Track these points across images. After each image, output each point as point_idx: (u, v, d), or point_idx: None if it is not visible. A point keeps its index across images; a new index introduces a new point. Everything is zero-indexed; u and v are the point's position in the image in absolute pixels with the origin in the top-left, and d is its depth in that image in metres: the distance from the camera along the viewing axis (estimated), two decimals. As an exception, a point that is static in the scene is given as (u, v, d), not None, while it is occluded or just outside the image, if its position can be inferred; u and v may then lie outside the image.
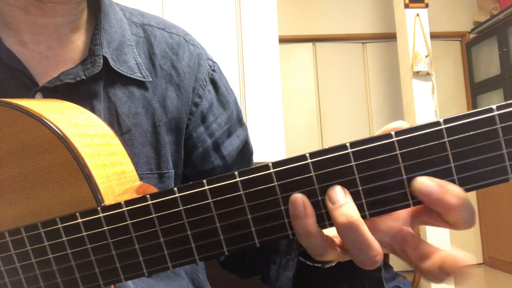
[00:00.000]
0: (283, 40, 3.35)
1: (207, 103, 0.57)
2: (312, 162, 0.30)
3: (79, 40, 0.51)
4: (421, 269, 0.29)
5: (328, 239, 0.31)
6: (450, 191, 0.28)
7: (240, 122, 0.63)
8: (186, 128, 0.56)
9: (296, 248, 0.44)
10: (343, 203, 0.29)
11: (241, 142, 0.62)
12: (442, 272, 0.27)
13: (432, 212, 0.30)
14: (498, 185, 0.29)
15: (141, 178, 0.45)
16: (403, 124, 0.31)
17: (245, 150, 0.63)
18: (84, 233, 0.32)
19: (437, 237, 2.72)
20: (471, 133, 0.28)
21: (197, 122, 0.57)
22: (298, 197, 0.30)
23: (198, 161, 0.58)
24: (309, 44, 3.63)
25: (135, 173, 0.43)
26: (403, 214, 0.33)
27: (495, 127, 0.28)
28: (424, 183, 0.29)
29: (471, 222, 0.29)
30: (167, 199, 0.31)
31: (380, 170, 0.29)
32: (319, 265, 0.42)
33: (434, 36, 3.27)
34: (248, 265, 0.56)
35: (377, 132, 0.32)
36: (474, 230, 3.61)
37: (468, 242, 3.59)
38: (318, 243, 0.31)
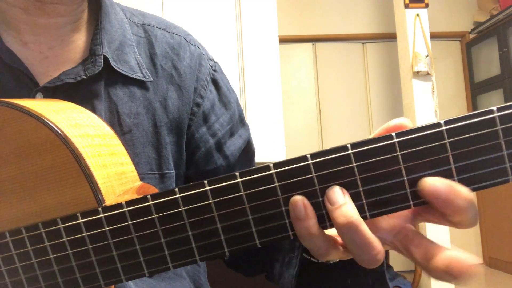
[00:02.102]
0: (283, 40, 3.35)
1: (209, 103, 0.57)
2: (313, 163, 0.30)
3: (80, 40, 0.51)
4: (426, 269, 0.29)
5: (331, 240, 0.31)
6: (459, 193, 0.28)
7: (242, 122, 0.63)
8: (188, 128, 0.56)
9: (299, 246, 0.44)
10: (342, 203, 0.29)
11: (243, 141, 0.62)
12: (449, 275, 0.27)
13: (435, 210, 0.30)
14: (498, 186, 0.29)
15: (142, 179, 0.45)
16: (404, 121, 0.31)
17: (248, 149, 0.63)
18: (85, 234, 0.32)
19: (437, 236, 2.72)
20: (471, 134, 0.28)
21: (199, 122, 0.57)
22: (298, 199, 0.30)
23: (201, 161, 0.58)
24: (309, 44, 3.63)
25: (135, 173, 0.43)
26: (404, 211, 0.33)
27: (495, 128, 0.28)
28: (433, 184, 0.28)
29: (475, 221, 0.29)
30: (168, 199, 0.31)
31: (381, 171, 0.29)
32: (323, 261, 0.42)
33: (434, 36, 3.27)
34: (253, 263, 0.56)
35: (378, 129, 0.32)
36: (474, 230, 3.61)
37: (468, 242, 3.59)
38: (321, 244, 0.31)
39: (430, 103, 2.88)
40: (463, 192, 0.28)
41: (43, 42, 0.48)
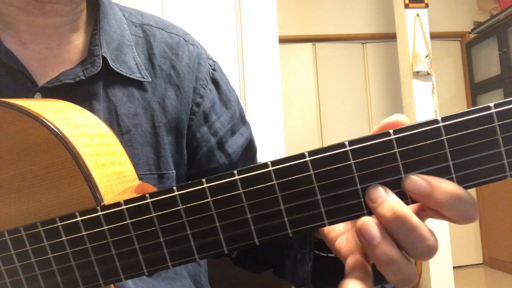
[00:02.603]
0: (283, 40, 3.35)
1: (209, 102, 0.57)
2: (310, 160, 0.30)
3: (78, 40, 0.51)
4: None
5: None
6: (439, 188, 0.28)
7: (243, 120, 0.63)
8: (188, 128, 0.56)
9: (310, 242, 0.43)
10: (384, 197, 0.29)
11: (245, 140, 0.62)
12: None
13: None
14: (498, 185, 0.29)
15: (140, 179, 0.45)
16: (400, 118, 0.31)
17: (250, 148, 0.63)
18: (84, 233, 0.32)
19: (437, 235, 2.71)
20: (469, 131, 0.28)
21: (199, 122, 0.57)
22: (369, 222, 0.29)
23: (203, 160, 0.58)
24: (309, 44, 3.63)
25: (134, 172, 0.43)
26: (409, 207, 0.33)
27: (493, 125, 0.28)
28: (413, 181, 0.28)
29: (470, 216, 0.28)
30: (166, 197, 0.31)
31: (379, 168, 0.29)
32: (332, 255, 0.42)
33: (434, 36, 3.26)
34: (260, 260, 0.56)
35: (375, 127, 0.32)
36: (474, 230, 3.60)
37: (468, 242, 3.58)
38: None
39: (430, 103, 2.88)
40: (445, 186, 0.28)
41: (41, 42, 0.48)
